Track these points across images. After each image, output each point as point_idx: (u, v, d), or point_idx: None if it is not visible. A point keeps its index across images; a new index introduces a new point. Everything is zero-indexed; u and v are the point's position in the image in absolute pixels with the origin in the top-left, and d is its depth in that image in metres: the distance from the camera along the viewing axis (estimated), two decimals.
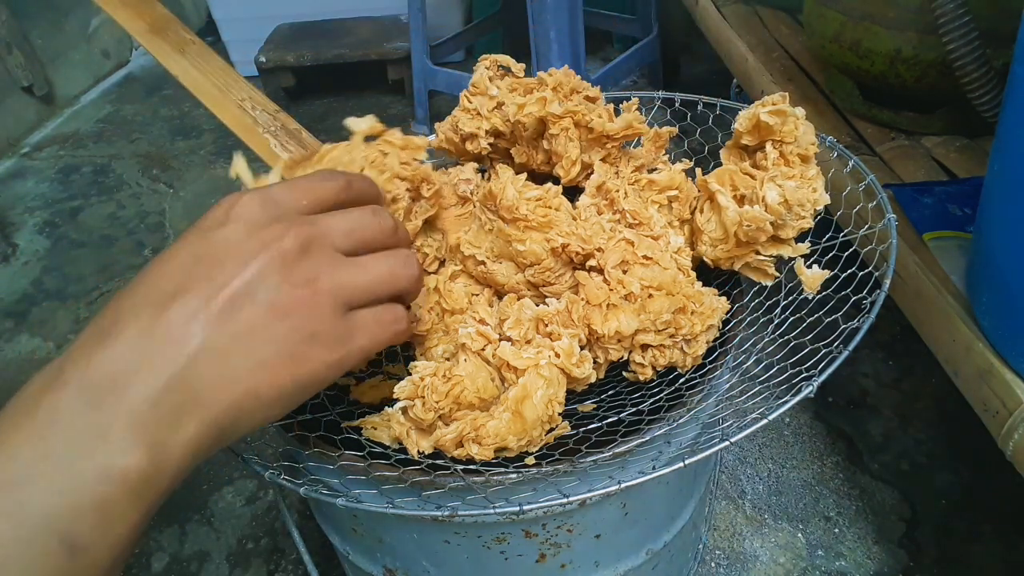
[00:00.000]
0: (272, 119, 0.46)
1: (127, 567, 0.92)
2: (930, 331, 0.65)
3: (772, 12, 1.24)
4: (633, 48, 1.67)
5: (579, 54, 1.42)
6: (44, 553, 0.21)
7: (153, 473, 0.24)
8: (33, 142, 1.94)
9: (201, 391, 0.25)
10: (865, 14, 0.81)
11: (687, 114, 0.62)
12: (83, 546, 0.22)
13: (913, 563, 0.84)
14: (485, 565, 0.50)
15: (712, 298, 0.47)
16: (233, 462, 1.03)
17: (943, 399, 1.01)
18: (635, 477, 0.38)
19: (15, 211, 1.67)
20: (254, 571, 0.90)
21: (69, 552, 0.22)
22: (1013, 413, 0.53)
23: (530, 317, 0.44)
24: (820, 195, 0.47)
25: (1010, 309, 0.53)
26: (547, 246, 0.45)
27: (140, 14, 0.47)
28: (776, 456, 0.98)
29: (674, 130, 0.55)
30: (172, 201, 1.67)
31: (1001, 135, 0.52)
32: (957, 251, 0.67)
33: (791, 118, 0.47)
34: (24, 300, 1.40)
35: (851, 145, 0.88)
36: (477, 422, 0.41)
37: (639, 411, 0.46)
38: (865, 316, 0.43)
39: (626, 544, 0.54)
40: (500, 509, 0.39)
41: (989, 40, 0.69)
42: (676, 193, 0.51)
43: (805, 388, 0.40)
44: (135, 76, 2.29)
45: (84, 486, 0.23)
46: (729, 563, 0.86)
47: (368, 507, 0.40)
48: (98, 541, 0.23)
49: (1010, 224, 0.51)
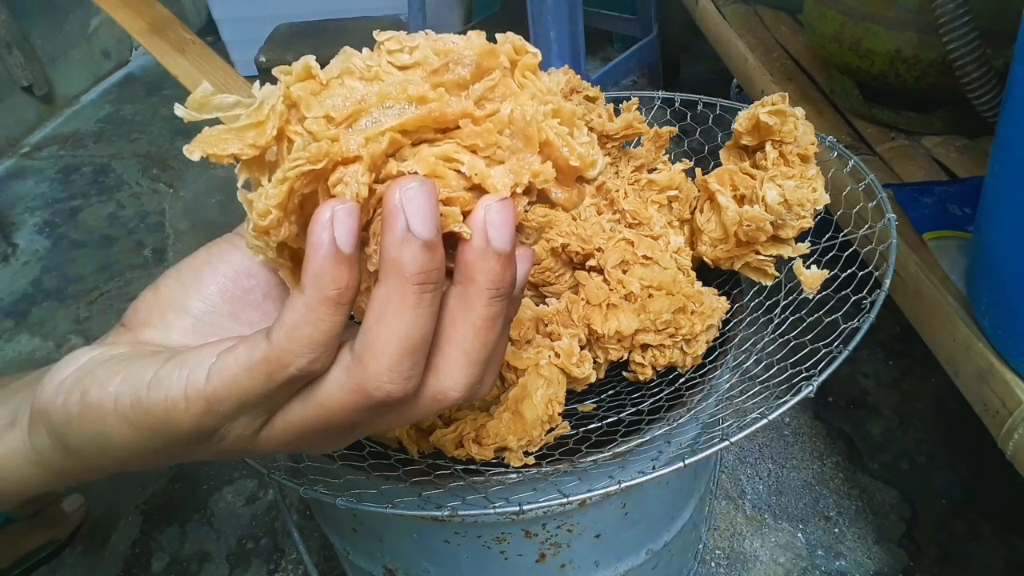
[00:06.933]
0: None
1: (127, 567, 0.92)
2: (930, 331, 0.65)
3: (772, 12, 1.24)
4: (633, 48, 1.67)
5: (579, 54, 1.42)
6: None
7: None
8: (33, 142, 1.94)
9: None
10: (865, 14, 0.81)
11: (687, 114, 0.62)
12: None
13: (913, 563, 0.84)
14: (485, 565, 0.50)
15: (712, 298, 0.47)
16: (233, 462, 1.03)
17: (943, 399, 1.01)
18: (635, 477, 0.38)
19: (15, 211, 1.67)
20: (254, 571, 0.90)
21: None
22: (1013, 413, 0.53)
23: (530, 317, 0.44)
24: (820, 195, 0.47)
25: (1010, 309, 0.53)
26: (547, 246, 0.45)
27: (140, 14, 0.47)
28: (776, 456, 0.98)
29: (674, 130, 0.55)
30: (172, 201, 1.67)
31: (1001, 135, 0.51)
32: (957, 251, 0.67)
33: (791, 118, 0.47)
34: (24, 300, 1.40)
35: (851, 145, 0.88)
36: (477, 422, 0.41)
37: (639, 411, 0.46)
38: (865, 316, 0.43)
39: (626, 544, 0.54)
40: (500, 509, 0.39)
41: (989, 40, 0.69)
42: (676, 193, 0.51)
43: (805, 388, 0.40)
44: (135, 76, 2.29)
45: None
46: (729, 563, 0.86)
47: (368, 507, 0.40)
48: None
49: (1010, 224, 0.51)
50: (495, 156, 0.21)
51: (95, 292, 1.40)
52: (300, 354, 0.20)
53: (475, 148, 0.21)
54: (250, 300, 0.25)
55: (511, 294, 0.22)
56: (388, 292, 0.20)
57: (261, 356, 0.20)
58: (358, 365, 0.21)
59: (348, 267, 0.20)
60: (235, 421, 0.22)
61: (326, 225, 0.19)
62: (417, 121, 0.20)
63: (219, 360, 0.21)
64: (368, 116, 0.20)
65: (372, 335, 0.20)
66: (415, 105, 0.20)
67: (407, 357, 0.21)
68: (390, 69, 0.21)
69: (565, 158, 0.21)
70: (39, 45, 1.96)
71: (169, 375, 0.21)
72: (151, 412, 0.21)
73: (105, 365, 0.23)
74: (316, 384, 0.22)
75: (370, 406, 0.21)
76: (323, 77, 0.21)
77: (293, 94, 0.21)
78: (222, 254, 0.25)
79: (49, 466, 0.25)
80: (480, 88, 0.21)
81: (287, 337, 0.20)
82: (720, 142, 0.53)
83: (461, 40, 0.21)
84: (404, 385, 0.21)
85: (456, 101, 0.21)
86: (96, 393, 0.22)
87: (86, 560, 0.94)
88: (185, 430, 0.21)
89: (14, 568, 0.90)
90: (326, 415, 0.22)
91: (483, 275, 0.21)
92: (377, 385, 0.21)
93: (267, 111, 0.21)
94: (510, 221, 0.21)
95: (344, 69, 0.21)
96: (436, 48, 0.21)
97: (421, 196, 0.19)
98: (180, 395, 0.21)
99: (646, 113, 0.54)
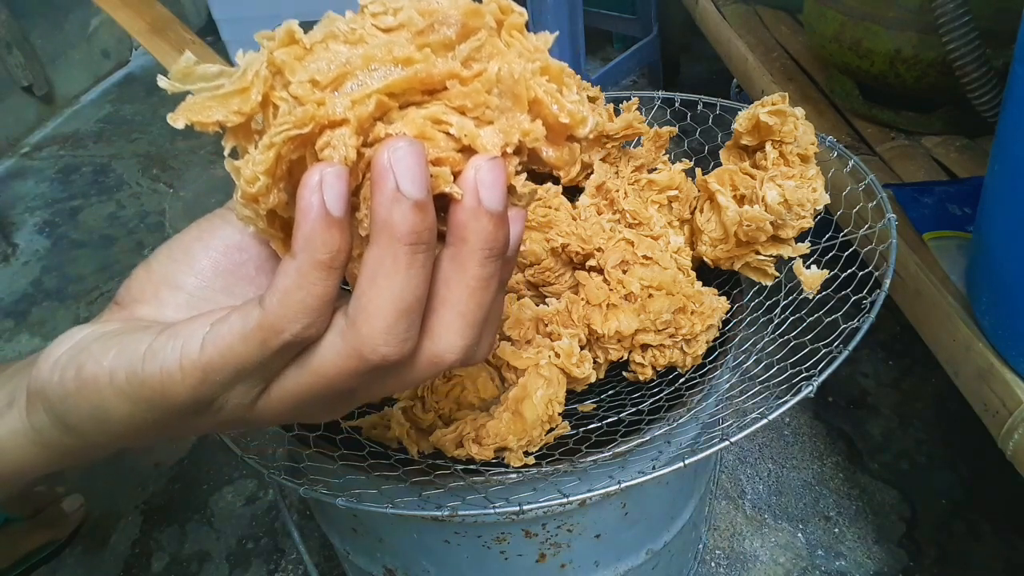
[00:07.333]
0: None
1: (127, 567, 0.92)
2: (930, 331, 0.65)
3: (772, 12, 1.24)
4: (633, 48, 1.67)
5: (579, 54, 1.42)
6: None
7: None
8: (33, 142, 1.94)
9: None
10: (865, 14, 0.81)
11: (687, 114, 0.62)
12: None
13: (913, 563, 0.84)
14: (485, 565, 0.50)
15: (712, 298, 0.47)
16: (233, 462, 1.03)
17: (943, 399, 1.01)
18: (635, 477, 0.38)
19: (15, 211, 1.67)
20: (254, 571, 0.90)
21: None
22: (1013, 413, 0.53)
23: (530, 317, 0.44)
24: (820, 195, 0.47)
25: (1010, 309, 0.53)
26: (547, 246, 0.45)
27: (140, 14, 0.47)
28: (776, 456, 0.98)
29: (674, 130, 0.55)
30: (172, 201, 1.67)
31: (1001, 135, 0.51)
32: (957, 251, 0.67)
33: (791, 118, 0.47)
34: (24, 300, 1.40)
35: (851, 145, 0.88)
36: (477, 422, 0.41)
37: (639, 411, 0.46)
38: (865, 316, 0.43)
39: (626, 544, 0.54)
40: (500, 509, 0.39)
41: (989, 40, 0.69)
42: (676, 193, 0.51)
43: (805, 388, 0.40)
44: (135, 76, 2.29)
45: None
46: (729, 563, 0.86)
47: (368, 507, 0.40)
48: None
49: (1010, 224, 0.51)
50: (484, 116, 0.21)
51: (95, 292, 1.40)
52: (294, 319, 0.20)
53: (463, 109, 0.21)
54: (243, 274, 0.25)
55: (504, 254, 0.22)
56: (380, 254, 0.20)
57: (255, 323, 0.20)
58: (352, 329, 0.21)
59: (339, 230, 0.20)
60: (232, 390, 0.22)
61: (315, 189, 0.19)
62: (403, 83, 0.20)
63: (213, 329, 0.21)
64: (354, 79, 0.20)
65: (365, 298, 0.20)
66: (401, 67, 0.20)
67: (402, 319, 0.20)
68: (374, 32, 0.21)
69: (555, 116, 0.21)
70: (39, 45, 1.96)
71: (163, 347, 0.21)
72: (147, 384, 0.21)
73: (100, 340, 0.23)
74: (311, 350, 0.22)
75: (366, 370, 0.21)
76: (307, 42, 0.21)
77: (277, 59, 0.20)
78: (213, 229, 0.25)
79: (48, 444, 0.25)
80: (466, 48, 0.21)
81: (280, 303, 0.20)
82: (720, 142, 0.53)
83: (446, 0, 0.21)
84: (400, 348, 0.21)
85: (442, 62, 0.20)
86: (91, 368, 0.22)
87: (86, 560, 0.94)
88: (182, 401, 0.21)
89: (14, 568, 0.90)
90: (323, 381, 0.22)
91: (476, 235, 0.21)
92: (372, 348, 0.20)
93: (251, 77, 0.20)
94: (501, 180, 0.20)
95: (328, 33, 0.21)
96: (420, 8, 0.21)
97: (410, 156, 0.19)
98: (175, 366, 0.21)
99: (646, 113, 0.54)
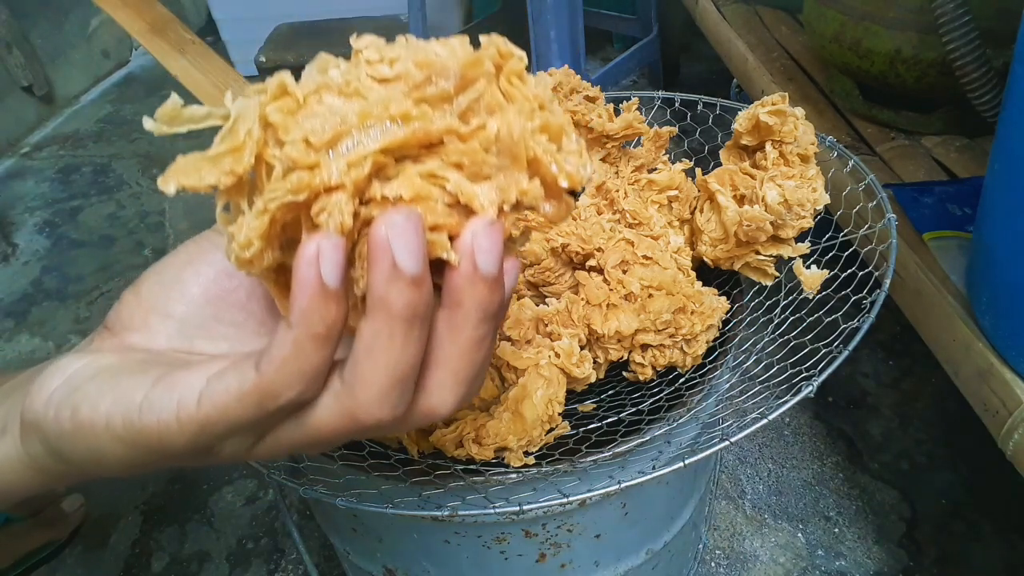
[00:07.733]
0: None
1: (127, 567, 0.92)
2: (930, 331, 0.65)
3: (772, 12, 1.24)
4: (633, 48, 1.67)
5: (579, 54, 1.42)
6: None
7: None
8: (33, 142, 1.94)
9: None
10: (865, 14, 0.81)
11: (687, 114, 0.62)
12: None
13: (913, 563, 0.84)
14: (485, 565, 0.50)
15: (712, 298, 0.47)
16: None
17: (943, 399, 1.01)
18: (635, 477, 0.38)
19: (15, 211, 1.67)
20: (254, 571, 0.90)
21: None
22: (1013, 413, 0.53)
23: (530, 317, 0.44)
24: (820, 195, 0.47)
25: (1010, 309, 0.53)
26: (547, 246, 0.45)
27: (140, 14, 0.47)
28: (776, 456, 0.98)
29: (674, 130, 0.55)
30: (172, 201, 1.66)
31: (1001, 135, 0.51)
32: (957, 251, 0.67)
33: (791, 118, 0.47)
34: (24, 300, 1.40)
35: (851, 145, 0.88)
36: (477, 422, 0.41)
37: (639, 411, 0.46)
38: (865, 316, 0.43)
39: (626, 544, 0.54)
40: (500, 509, 0.39)
41: (989, 40, 0.69)
42: (676, 193, 0.51)
43: (805, 388, 0.40)
44: (135, 76, 2.29)
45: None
46: (729, 563, 0.86)
47: (368, 507, 0.40)
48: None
49: (1010, 224, 0.51)
50: (482, 173, 0.21)
51: (95, 292, 1.40)
52: (289, 386, 0.20)
53: (461, 164, 0.20)
54: (233, 300, 0.25)
55: (500, 314, 0.22)
56: (376, 328, 0.20)
57: (251, 386, 0.20)
58: (348, 394, 0.21)
59: (336, 302, 0.20)
60: (228, 440, 0.22)
61: (312, 261, 0.19)
62: (400, 141, 0.20)
63: (209, 386, 0.21)
64: (349, 138, 0.20)
65: (361, 367, 0.20)
66: (398, 123, 0.20)
67: (396, 387, 0.21)
68: (370, 84, 0.20)
69: (554, 176, 0.21)
70: (39, 45, 1.96)
71: (160, 398, 0.21)
72: (144, 434, 0.21)
73: (95, 381, 0.23)
74: (307, 409, 0.22)
75: (360, 430, 0.22)
76: (299, 94, 0.20)
77: (269, 117, 0.20)
78: (203, 253, 0.25)
79: (44, 470, 0.25)
80: (465, 101, 0.20)
81: (276, 371, 0.20)
82: (720, 142, 0.53)
83: (444, 50, 0.20)
84: (393, 412, 0.21)
85: (440, 117, 0.20)
86: (87, 412, 0.22)
87: (86, 560, 0.94)
88: (180, 448, 0.22)
89: (14, 568, 0.90)
90: (317, 436, 0.22)
91: (471, 300, 0.21)
92: (367, 412, 0.21)
93: (243, 136, 0.20)
94: (498, 245, 0.20)
95: (321, 84, 0.20)
96: (418, 61, 0.20)
97: (408, 231, 0.19)
98: (172, 419, 0.21)
99: (646, 113, 0.54)
